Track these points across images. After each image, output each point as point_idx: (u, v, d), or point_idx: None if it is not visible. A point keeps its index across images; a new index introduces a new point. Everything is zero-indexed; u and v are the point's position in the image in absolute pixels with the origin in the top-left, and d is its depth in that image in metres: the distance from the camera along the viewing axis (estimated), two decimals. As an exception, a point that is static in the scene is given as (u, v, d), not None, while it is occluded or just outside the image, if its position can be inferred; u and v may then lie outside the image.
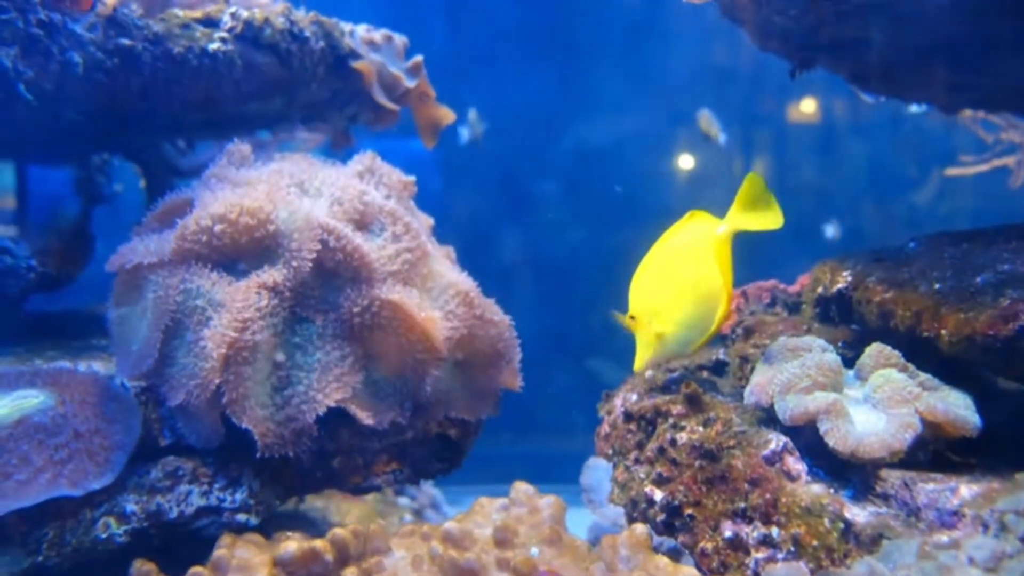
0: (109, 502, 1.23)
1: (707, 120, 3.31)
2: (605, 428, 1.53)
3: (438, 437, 1.51)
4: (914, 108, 2.96)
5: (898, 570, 0.92)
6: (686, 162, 3.84)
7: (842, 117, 3.72)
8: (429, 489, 2.57)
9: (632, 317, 1.37)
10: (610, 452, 1.49)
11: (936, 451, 1.16)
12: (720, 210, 1.39)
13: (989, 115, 2.68)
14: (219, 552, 1.19)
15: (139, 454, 1.28)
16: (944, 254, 1.29)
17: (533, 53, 3.82)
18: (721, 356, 1.61)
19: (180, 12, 1.62)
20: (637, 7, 3.73)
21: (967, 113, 2.07)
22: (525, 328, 1.55)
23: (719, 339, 1.70)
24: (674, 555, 1.24)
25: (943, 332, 1.16)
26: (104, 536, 1.21)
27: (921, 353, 1.20)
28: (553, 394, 3.09)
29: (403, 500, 2.48)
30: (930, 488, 1.06)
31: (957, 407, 1.11)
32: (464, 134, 3.29)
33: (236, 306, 1.24)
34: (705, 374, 1.57)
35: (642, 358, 1.38)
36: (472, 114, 3.30)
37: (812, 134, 3.85)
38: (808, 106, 3.78)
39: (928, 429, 1.11)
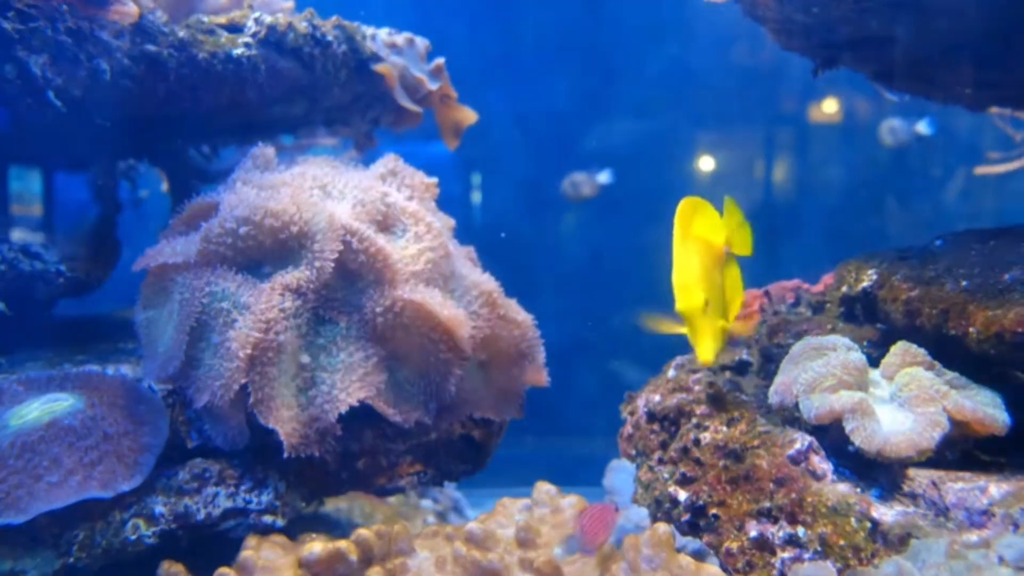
0: (138, 504, 1.25)
1: (571, 185, 3.23)
2: (628, 429, 1.53)
3: (462, 439, 1.51)
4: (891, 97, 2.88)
5: (927, 569, 0.92)
6: (707, 163, 3.83)
7: (865, 116, 3.69)
8: (452, 492, 2.57)
9: (707, 303, 1.25)
10: (633, 453, 1.49)
11: (965, 450, 1.14)
12: (745, 211, 1.39)
13: (1016, 112, 2.65)
14: (245, 553, 1.20)
15: (167, 456, 1.29)
16: (971, 251, 1.28)
17: (555, 55, 3.82)
18: (744, 356, 1.60)
19: (205, 18, 1.64)
20: (658, 8, 3.72)
21: (994, 110, 2.04)
22: (547, 330, 1.55)
23: (742, 339, 1.70)
24: (699, 556, 1.23)
25: (971, 330, 1.15)
26: (133, 538, 1.23)
27: (948, 351, 1.19)
28: (575, 396, 3.08)
29: (426, 503, 2.48)
30: (959, 487, 1.05)
31: (986, 405, 1.09)
32: None
33: (259, 307, 1.26)
34: (728, 374, 1.56)
35: (712, 346, 1.27)
36: None
37: (834, 133, 3.82)
38: (830, 106, 3.75)
39: (956, 428, 1.09)
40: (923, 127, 3.10)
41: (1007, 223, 1.45)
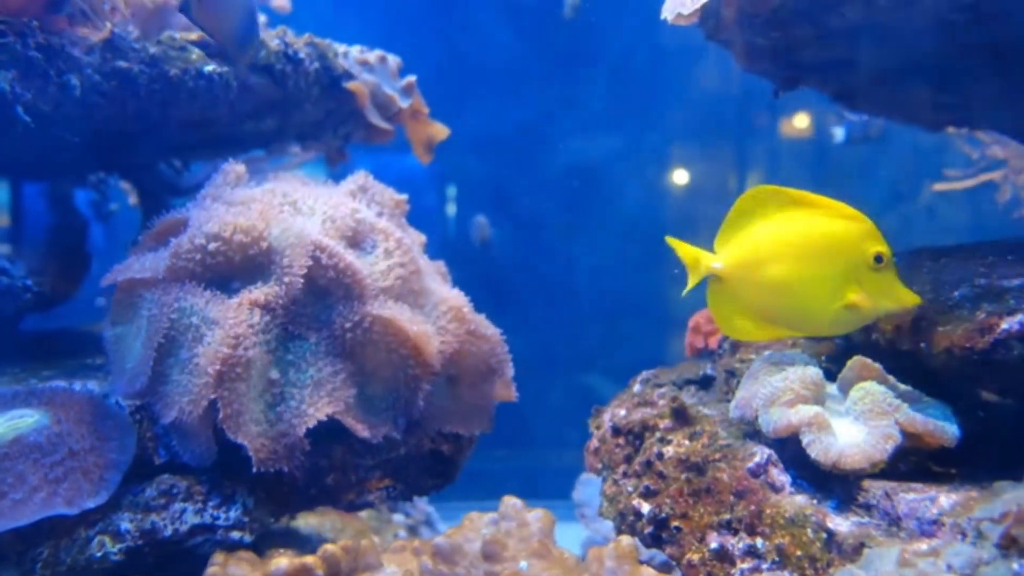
0: (104, 520, 1.24)
1: (479, 225, 3.61)
2: (594, 443, 1.55)
3: (431, 453, 1.52)
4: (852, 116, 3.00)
5: (878, 579, 0.94)
6: (680, 177, 3.88)
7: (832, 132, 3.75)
8: (423, 506, 2.58)
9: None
10: (599, 466, 1.51)
11: (917, 462, 1.18)
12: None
13: (973, 131, 2.72)
14: (212, 570, 1.20)
15: (134, 472, 1.29)
16: (923, 269, 1.32)
17: (526, 71, 3.86)
18: (708, 370, 1.63)
19: (177, 34, 1.65)
20: (629, 26, 3.78)
21: (951, 130, 2.11)
22: (518, 344, 1.57)
23: (707, 354, 1.73)
24: (663, 568, 1.26)
25: (922, 345, 1.18)
26: (99, 555, 1.22)
27: (903, 366, 1.23)
28: (547, 409, 3.10)
29: (398, 517, 2.48)
30: (911, 498, 1.08)
31: (936, 418, 1.13)
32: None
33: (228, 323, 1.26)
34: (692, 388, 1.59)
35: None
36: None
37: (803, 149, 3.89)
38: (800, 121, 3.82)
39: (908, 440, 1.13)
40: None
41: (976, 238, 1.50)
